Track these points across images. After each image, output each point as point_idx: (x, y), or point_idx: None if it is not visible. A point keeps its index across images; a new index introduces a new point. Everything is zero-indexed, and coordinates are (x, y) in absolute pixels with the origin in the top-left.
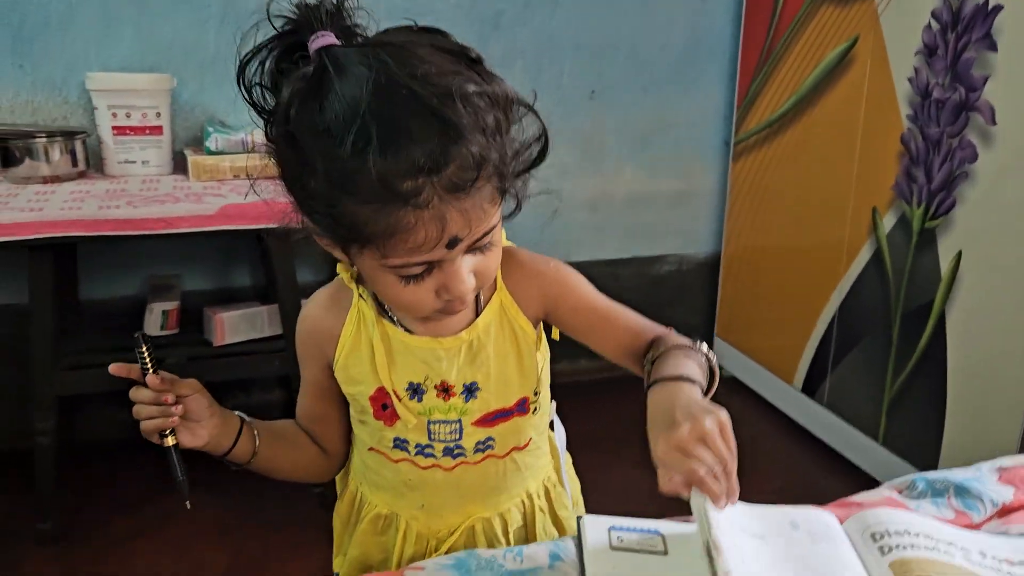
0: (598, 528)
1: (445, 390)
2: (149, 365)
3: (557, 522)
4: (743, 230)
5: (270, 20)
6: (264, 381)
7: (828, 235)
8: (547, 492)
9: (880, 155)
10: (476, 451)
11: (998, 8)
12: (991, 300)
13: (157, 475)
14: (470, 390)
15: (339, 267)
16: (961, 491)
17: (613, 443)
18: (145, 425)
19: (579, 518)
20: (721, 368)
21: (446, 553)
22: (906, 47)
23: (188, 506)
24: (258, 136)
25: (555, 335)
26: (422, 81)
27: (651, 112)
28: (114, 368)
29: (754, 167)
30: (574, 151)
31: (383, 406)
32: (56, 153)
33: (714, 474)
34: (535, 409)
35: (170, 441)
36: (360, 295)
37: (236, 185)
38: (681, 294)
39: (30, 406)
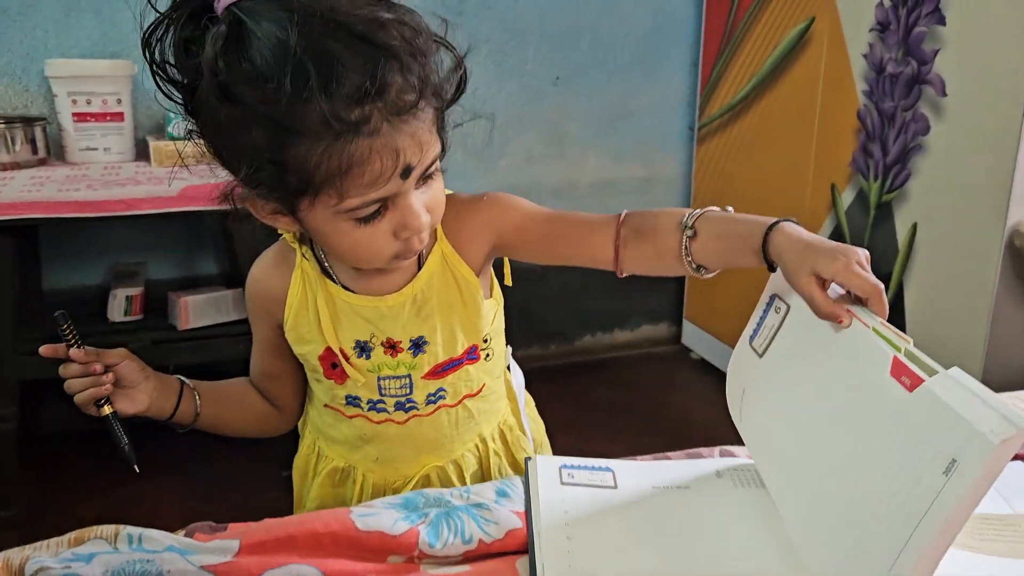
0: (549, 466)
1: (392, 347)
2: (72, 341)
3: (515, 464)
4: None
5: None
6: (230, 370)
7: (789, 213)
8: (503, 435)
9: (837, 132)
10: (428, 403)
11: None
12: (946, 270)
13: (121, 463)
14: (417, 344)
15: (281, 227)
16: None
17: (583, 424)
18: (79, 398)
19: (527, 459)
20: (690, 351)
21: None
22: (860, 24)
23: (136, 470)
24: None
25: (507, 280)
26: (344, 13)
27: (615, 98)
28: (43, 350)
29: (717, 151)
30: (539, 138)
31: (332, 365)
32: (16, 140)
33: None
34: (487, 356)
35: (107, 410)
36: (303, 255)
37: (198, 170)
38: (649, 279)
39: None
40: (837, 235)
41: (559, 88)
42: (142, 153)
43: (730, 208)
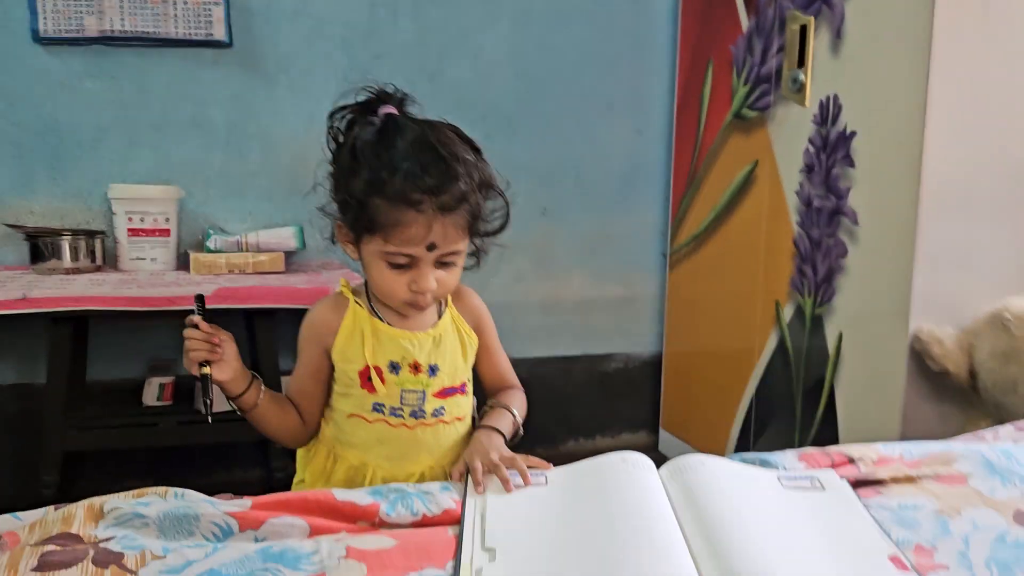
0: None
1: (415, 368)
2: (202, 315)
3: None
4: (679, 330)
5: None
6: (244, 460)
7: (744, 328)
8: None
9: (779, 256)
10: (433, 415)
11: (853, 134)
12: (865, 370)
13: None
14: (433, 370)
15: (341, 282)
16: (764, 462)
17: None
18: (194, 355)
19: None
20: (666, 458)
21: None
22: (792, 166)
23: (209, 421)
24: (250, 239)
25: None
26: (444, 144)
27: (596, 227)
28: (189, 319)
29: (686, 275)
30: (528, 260)
31: (368, 378)
32: (79, 249)
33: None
34: (468, 392)
35: (206, 370)
36: (356, 302)
37: (231, 278)
38: (629, 389)
39: (37, 480)
40: (782, 346)
41: (546, 218)
42: (183, 264)
43: (517, 414)
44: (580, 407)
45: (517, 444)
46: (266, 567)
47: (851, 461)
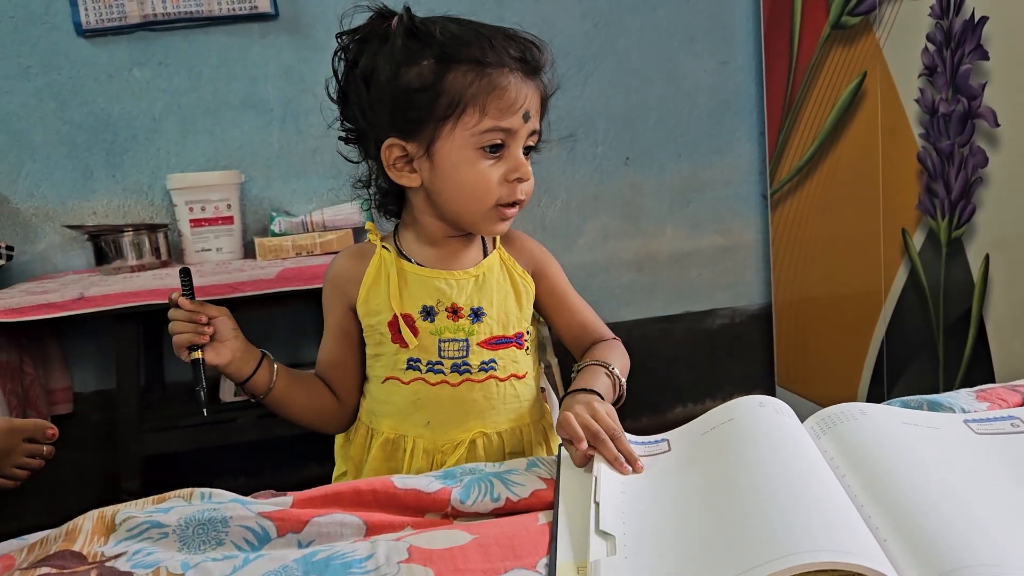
0: None
1: (454, 312)
2: (187, 293)
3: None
4: (790, 277)
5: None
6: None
7: (866, 264)
8: (544, 431)
9: (901, 177)
10: (480, 370)
11: (984, 19)
12: (1022, 296)
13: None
14: (477, 313)
15: (367, 225)
16: (934, 405)
17: None
18: (177, 339)
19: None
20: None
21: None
22: (909, 71)
23: (205, 413)
24: (315, 217)
25: None
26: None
27: (686, 173)
28: (172, 296)
29: (791, 214)
30: (615, 215)
31: (398, 330)
32: (143, 245)
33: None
34: (527, 348)
35: (196, 355)
36: (384, 247)
37: (297, 260)
38: (737, 346)
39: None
40: (914, 279)
41: (631, 167)
42: (250, 253)
43: (615, 369)
44: (685, 370)
45: (621, 409)
46: None
47: None
